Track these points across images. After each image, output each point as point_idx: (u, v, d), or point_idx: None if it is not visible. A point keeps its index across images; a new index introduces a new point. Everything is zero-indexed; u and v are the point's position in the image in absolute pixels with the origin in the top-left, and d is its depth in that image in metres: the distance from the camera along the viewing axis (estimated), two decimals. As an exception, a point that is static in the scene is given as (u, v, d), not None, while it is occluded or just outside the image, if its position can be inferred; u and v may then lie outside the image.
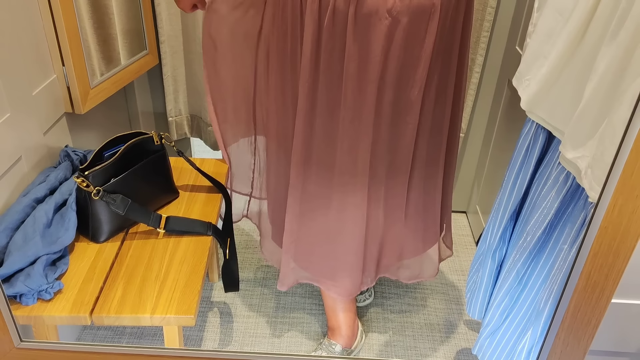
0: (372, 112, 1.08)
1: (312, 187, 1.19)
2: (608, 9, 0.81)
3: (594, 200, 0.75)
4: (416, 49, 1.02)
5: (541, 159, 1.04)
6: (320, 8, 1.01)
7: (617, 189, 0.53)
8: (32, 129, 1.17)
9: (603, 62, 0.81)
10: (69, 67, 1.24)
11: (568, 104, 0.91)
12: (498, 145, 1.71)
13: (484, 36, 1.59)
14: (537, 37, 0.96)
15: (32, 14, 1.15)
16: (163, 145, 1.24)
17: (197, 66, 1.68)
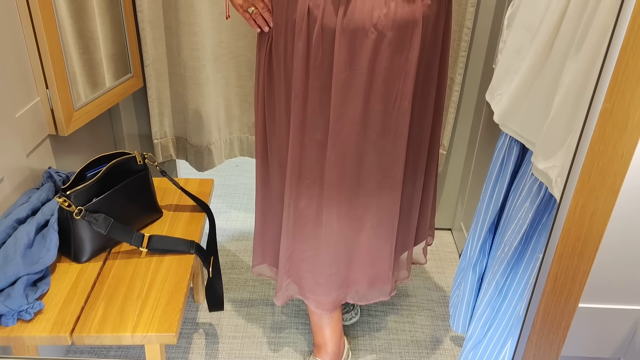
0: (360, 123, 1.11)
1: (303, 203, 1.21)
2: (572, 24, 0.84)
3: (564, 208, 0.77)
4: (402, 61, 1.06)
5: (516, 172, 1.06)
6: (309, 24, 1.05)
7: (576, 191, 0.55)
8: (15, 151, 1.18)
9: (568, 75, 0.84)
10: (52, 90, 1.25)
11: (539, 116, 0.94)
12: (480, 162, 1.74)
13: (461, 56, 1.64)
14: (507, 53, 1.00)
15: (16, 38, 1.17)
16: (146, 165, 1.25)
17: (182, 88, 1.71)
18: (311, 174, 1.18)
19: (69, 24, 1.37)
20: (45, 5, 1.20)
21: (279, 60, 1.14)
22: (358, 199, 1.18)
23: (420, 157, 1.23)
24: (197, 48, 1.61)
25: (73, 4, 1.38)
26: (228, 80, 1.74)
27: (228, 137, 1.85)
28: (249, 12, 1.13)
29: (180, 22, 1.58)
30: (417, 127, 1.19)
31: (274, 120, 1.22)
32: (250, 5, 1.12)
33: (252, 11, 1.13)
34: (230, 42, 1.68)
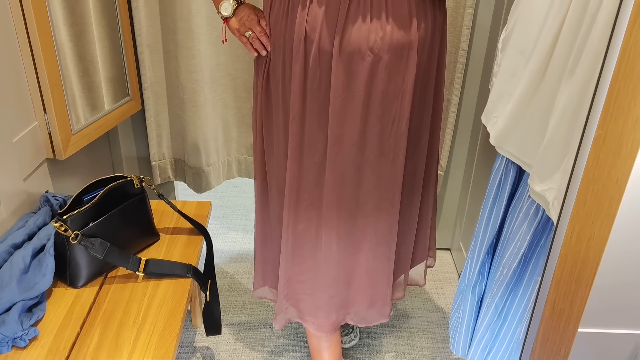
0: (358, 145, 1.11)
1: (302, 225, 1.21)
2: (565, 48, 0.85)
3: (562, 231, 0.77)
4: (398, 83, 1.07)
5: (513, 193, 1.06)
6: (306, 48, 1.06)
7: (572, 217, 0.55)
8: (12, 176, 1.18)
9: (563, 98, 0.84)
10: (50, 114, 1.26)
11: (535, 138, 0.94)
12: (478, 182, 1.74)
13: (458, 77, 1.65)
14: (501, 76, 1.01)
15: (15, 62, 1.18)
16: (143, 188, 1.25)
17: (180, 111, 1.71)
18: (310, 195, 1.18)
19: (68, 48, 1.38)
20: (44, 30, 1.21)
21: (276, 83, 1.15)
22: (357, 220, 1.18)
23: (418, 178, 1.23)
24: (196, 71, 1.63)
25: (73, 28, 1.39)
26: (226, 102, 1.75)
27: (226, 158, 1.85)
28: (245, 35, 1.14)
29: (179, 45, 1.60)
30: (415, 148, 1.19)
31: (272, 143, 1.22)
32: (247, 29, 1.13)
33: (249, 35, 1.14)
34: (229, 65, 1.69)
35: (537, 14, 0.90)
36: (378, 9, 1.02)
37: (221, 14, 1.16)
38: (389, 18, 1.02)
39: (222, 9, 1.16)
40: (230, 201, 2.30)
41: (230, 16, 1.15)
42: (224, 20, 1.17)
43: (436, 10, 1.10)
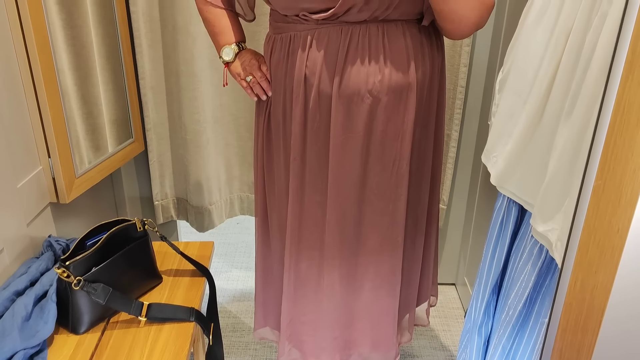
0: (358, 186, 1.12)
1: (303, 266, 1.20)
2: (561, 91, 0.86)
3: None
4: (398, 124, 1.08)
5: (516, 232, 1.06)
6: (306, 91, 1.08)
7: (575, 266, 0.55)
8: (15, 221, 1.18)
9: (561, 140, 0.85)
10: (54, 159, 1.27)
11: (535, 178, 0.95)
12: (480, 215, 1.74)
13: (457, 113, 1.67)
14: (500, 117, 1.02)
15: (20, 108, 1.20)
16: (146, 231, 1.25)
17: (182, 151, 1.73)
18: (311, 235, 1.18)
19: (73, 91, 1.41)
20: (49, 75, 1.23)
21: (277, 125, 1.16)
22: (359, 260, 1.18)
23: (420, 217, 1.23)
24: (198, 112, 1.65)
25: (78, 72, 1.42)
26: (228, 141, 1.77)
27: (228, 196, 1.86)
28: (246, 80, 1.16)
29: (182, 88, 1.62)
30: (416, 187, 1.20)
31: (273, 182, 1.23)
32: (248, 74, 1.16)
33: (249, 80, 1.16)
34: (231, 105, 1.72)
35: (533, 58, 0.92)
36: (376, 53, 1.03)
37: (222, 59, 1.19)
38: (387, 61, 1.04)
39: (223, 54, 1.18)
40: (233, 238, 2.30)
41: (232, 61, 1.18)
42: (226, 65, 1.20)
43: (434, 52, 1.12)
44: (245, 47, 1.19)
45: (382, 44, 1.03)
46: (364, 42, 1.03)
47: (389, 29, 1.03)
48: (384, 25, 1.03)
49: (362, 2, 0.98)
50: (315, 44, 1.05)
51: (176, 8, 1.53)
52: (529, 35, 0.93)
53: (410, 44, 1.06)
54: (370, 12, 1.00)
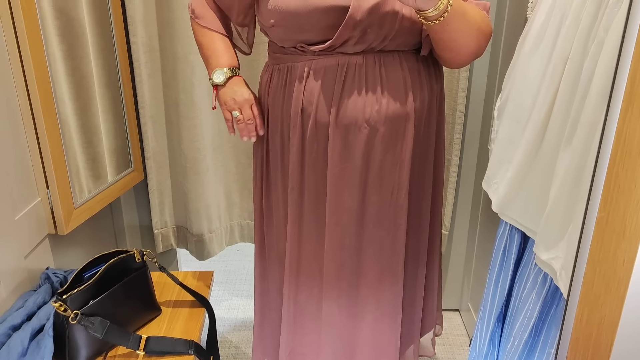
0: (357, 215, 1.10)
1: (302, 297, 1.19)
2: (560, 118, 0.86)
3: (571, 304, 0.75)
4: (396, 153, 1.07)
5: (519, 259, 1.05)
6: (303, 120, 1.07)
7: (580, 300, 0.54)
8: (13, 254, 1.17)
9: (562, 167, 0.85)
10: (53, 190, 1.26)
11: (537, 205, 0.94)
12: (483, 240, 1.72)
13: (456, 138, 1.66)
14: (499, 144, 1.01)
15: (18, 139, 1.20)
16: (145, 262, 1.23)
17: (182, 178, 1.72)
18: (310, 265, 1.16)
19: (73, 121, 1.41)
20: (48, 107, 1.23)
21: (275, 154, 1.16)
22: (359, 291, 1.16)
23: (421, 245, 1.21)
24: (197, 139, 1.65)
25: (78, 102, 1.42)
26: (228, 168, 1.77)
27: (228, 223, 1.85)
28: (232, 114, 1.11)
29: (181, 116, 1.63)
30: (416, 215, 1.19)
31: (271, 212, 1.22)
32: (236, 109, 1.11)
33: (236, 116, 1.11)
34: (230, 132, 1.72)
35: (531, 85, 0.92)
36: (373, 83, 1.03)
37: (212, 81, 1.12)
38: (384, 91, 1.04)
39: (214, 76, 1.12)
40: (233, 265, 2.27)
41: (222, 84, 1.11)
42: (215, 88, 1.13)
43: (432, 81, 1.12)
44: (238, 73, 1.16)
45: (379, 75, 1.03)
46: (360, 72, 1.03)
47: (386, 60, 1.03)
48: (381, 55, 1.03)
49: (358, 35, 0.98)
50: (312, 75, 1.05)
51: (175, 38, 1.54)
52: (526, 62, 0.93)
53: (408, 74, 1.06)
54: (367, 44, 1.00)
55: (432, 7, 0.89)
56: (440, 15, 0.91)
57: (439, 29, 0.95)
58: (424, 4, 0.89)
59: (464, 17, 0.96)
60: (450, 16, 0.92)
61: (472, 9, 0.99)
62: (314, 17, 0.99)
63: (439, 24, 0.93)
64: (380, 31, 0.99)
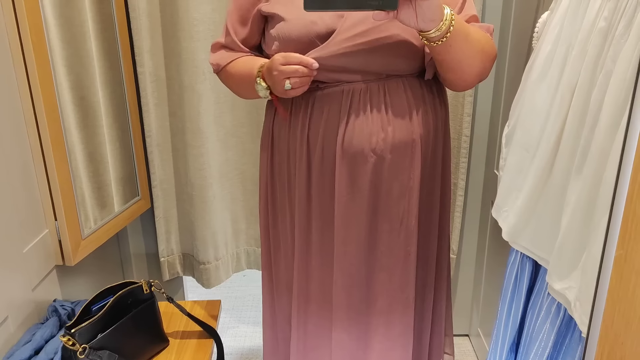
0: (366, 244, 1.10)
1: (311, 327, 1.17)
2: (569, 146, 0.86)
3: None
4: (404, 181, 1.07)
5: (531, 287, 1.04)
6: (309, 151, 1.07)
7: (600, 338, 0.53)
8: (20, 287, 1.16)
9: (573, 196, 0.84)
10: (61, 222, 1.27)
11: (548, 233, 0.93)
12: (491, 263, 1.71)
13: (462, 162, 1.66)
14: (508, 172, 1.01)
15: (27, 174, 1.21)
16: (152, 293, 1.23)
17: (189, 206, 1.72)
18: (319, 295, 1.15)
19: (80, 149, 1.42)
20: (57, 139, 1.23)
21: (282, 184, 1.16)
22: (369, 321, 1.14)
23: (429, 273, 1.20)
24: (204, 168, 1.65)
25: (85, 130, 1.43)
26: (234, 195, 1.77)
27: (235, 250, 1.84)
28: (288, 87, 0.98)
29: (188, 144, 1.63)
30: (424, 241, 1.18)
31: (279, 243, 1.21)
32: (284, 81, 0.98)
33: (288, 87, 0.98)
34: (237, 159, 1.73)
35: (538, 113, 0.92)
36: (378, 111, 1.03)
37: (266, 96, 1.06)
38: (389, 119, 1.04)
39: (260, 94, 1.06)
40: (239, 291, 2.26)
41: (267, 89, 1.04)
42: (272, 96, 1.05)
43: (437, 107, 1.12)
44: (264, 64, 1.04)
45: (384, 102, 1.04)
46: (365, 100, 1.03)
47: (390, 87, 1.04)
48: (385, 83, 1.03)
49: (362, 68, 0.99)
50: (317, 105, 1.05)
51: (182, 68, 1.56)
52: (533, 91, 0.93)
53: (412, 100, 1.06)
54: (370, 73, 1.01)
55: (434, 28, 0.89)
56: (443, 36, 0.91)
57: (442, 50, 0.94)
58: (426, 25, 0.88)
59: (467, 38, 0.95)
60: (453, 37, 0.91)
61: (475, 30, 0.99)
62: (316, 44, 0.99)
63: (442, 45, 0.92)
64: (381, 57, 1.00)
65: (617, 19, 0.77)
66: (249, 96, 1.14)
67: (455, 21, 0.91)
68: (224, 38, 1.15)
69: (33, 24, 1.14)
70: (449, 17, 0.90)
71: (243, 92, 1.15)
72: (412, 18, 0.87)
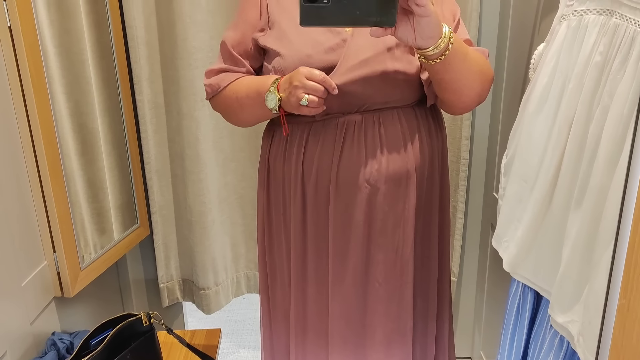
0: (361, 275, 1.09)
1: (310, 357, 1.16)
2: (568, 179, 0.86)
3: (592, 373, 0.73)
4: (398, 211, 1.06)
5: (534, 317, 1.03)
6: (303, 181, 1.07)
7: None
8: (19, 321, 1.15)
9: (573, 229, 0.84)
10: (60, 253, 1.26)
11: (548, 264, 0.93)
12: (492, 286, 1.70)
13: (461, 185, 1.66)
14: (508, 202, 1.01)
15: (25, 205, 1.20)
16: (152, 325, 1.22)
17: (188, 232, 1.72)
18: (316, 326, 1.14)
19: (79, 175, 1.42)
20: (55, 170, 1.23)
21: (278, 214, 1.15)
22: (366, 352, 1.13)
23: (430, 302, 1.19)
24: (203, 193, 1.65)
25: (84, 157, 1.43)
26: (233, 219, 1.76)
27: (235, 275, 1.83)
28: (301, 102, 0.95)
29: (187, 170, 1.63)
30: (423, 271, 1.17)
31: (275, 272, 1.20)
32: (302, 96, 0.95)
33: (305, 103, 0.95)
34: (235, 184, 1.72)
35: (536, 145, 0.92)
36: (372, 142, 1.03)
37: (273, 109, 1.01)
38: (384, 150, 1.03)
39: (268, 104, 1.01)
40: (239, 315, 2.24)
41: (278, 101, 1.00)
42: (280, 111, 1.01)
43: (432, 137, 1.11)
44: (279, 81, 1.01)
45: (379, 133, 1.03)
46: (359, 131, 1.03)
47: (385, 118, 1.04)
48: (380, 114, 1.04)
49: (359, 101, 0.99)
50: (312, 136, 1.05)
51: (180, 95, 1.57)
52: (531, 123, 0.93)
53: (407, 131, 1.06)
54: (366, 106, 1.02)
55: (433, 45, 0.88)
56: (442, 54, 0.90)
57: (441, 68, 0.93)
58: (424, 42, 0.87)
59: (465, 57, 0.95)
60: (451, 55, 0.90)
61: (473, 51, 0.99)
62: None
63: (441, 63, 0.91)
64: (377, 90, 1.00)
65: (612, 54, 0.77)
66: (247, 116, 1.10)
67: (453, 39, 0.90)
68: (221, 63, 1.12)
69: (31, 53, 1.14)
70: (448, 34, 0.89)
71: (245, 109, 1.08)
72: (410, 35, 0.86)
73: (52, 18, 1.30)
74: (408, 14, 0.85)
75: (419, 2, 0.81)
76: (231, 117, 1.15)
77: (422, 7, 0.82)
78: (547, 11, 1.24)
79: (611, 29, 0.78)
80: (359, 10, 0.82)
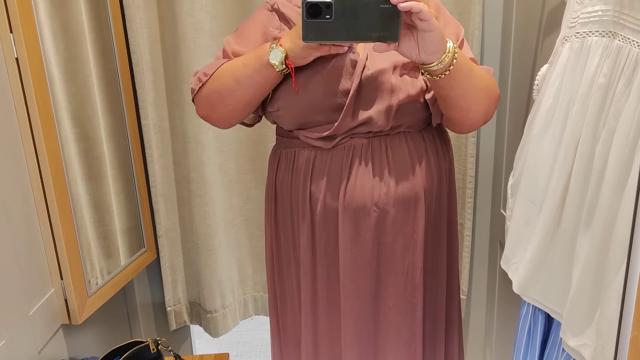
0: (371, 299, 1.08)
1: None
2: (576, 201, 0.85)
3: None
4: (408, 234, 1.06)
5: (545, 339, 1.01)
6: (312, 206, 1.07)
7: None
8: (26, 352, 1.15)
9: (583, 251, 0.83)
10: (67, 281, 1.26)
11: (559, 286, 0.92)
12: (502, 303, 1.69)
13: (468, 202, 1.66)
14: (515, 223, 1.00)
15: (33, 235, 1.20)
16: (160, 352, 1.21)
17: (194, 255, 1.72)
18: (328, 350, 1.13)
19: (85, 200, 1.42)
20: (62, 196, 1.23)
21: (286, 238, 1.15)
22: None
23: (439, 325, 1.18)
24: (209, 216, 1.65)
25: (90, 182, 1.44)
26: (240, 241, 1.76)
27: (242, 297, 1.82)
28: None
29: (193, 193, 1.64)
30: (433, 293, 1.16)
31: (285, 295, 1.20)
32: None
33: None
34: (241, 205, 1.72)
35: (543, 166, 0.92)
36: (380, 165, 1.03)
37: (276, 66, 0.95)
38: (391, 173, 1.03)
39: (271, 60, 0.95)
40: (248, 336, 2.23)
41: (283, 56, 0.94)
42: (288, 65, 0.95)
43: (440, 158, 1.11)
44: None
45: (386, 157, 1.03)
46: (367, 155, 1.03)
47: (392, 142, 1.04)
48: (387, 138, 1.04)
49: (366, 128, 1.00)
50: (319, 160, 1.05)
51: (185, 119, 1.58)
52: (536, 144, 0.93)
53: (415, 154, 1.05)
54: (373, 132, 1.02)
55: (437, 61, 0.87)
56: (446, 69, 0.88)
57: (446, 84, 0.92)
58: (428, 57, 0.86)
59: (470, 72, 0.94)
60: (456, 71, 0.89)
61: (478, 68, 0.99)
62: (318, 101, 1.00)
63: (445, 78, 0.90)
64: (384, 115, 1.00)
65: (616, 76, 0.77)
66: (245, 91, 0.99)
67: (458, 54, 0.89)
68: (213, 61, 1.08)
69: (37, 83, 1.15)
70: (452, 49, 0.88)
71: (243, 81, 0.99)
72: (413, 50, 0.85)
73: (58, 46, 1.32)
74: (412, 29, 0.84)
75: (422, 17, 0.80)
76: (225, 100, 1.02)
77: (426, 22, 0.81)
78: (549, 30, 1.25)
79: (614, 51, 0.78)
80: (362, 26, 0.82)
